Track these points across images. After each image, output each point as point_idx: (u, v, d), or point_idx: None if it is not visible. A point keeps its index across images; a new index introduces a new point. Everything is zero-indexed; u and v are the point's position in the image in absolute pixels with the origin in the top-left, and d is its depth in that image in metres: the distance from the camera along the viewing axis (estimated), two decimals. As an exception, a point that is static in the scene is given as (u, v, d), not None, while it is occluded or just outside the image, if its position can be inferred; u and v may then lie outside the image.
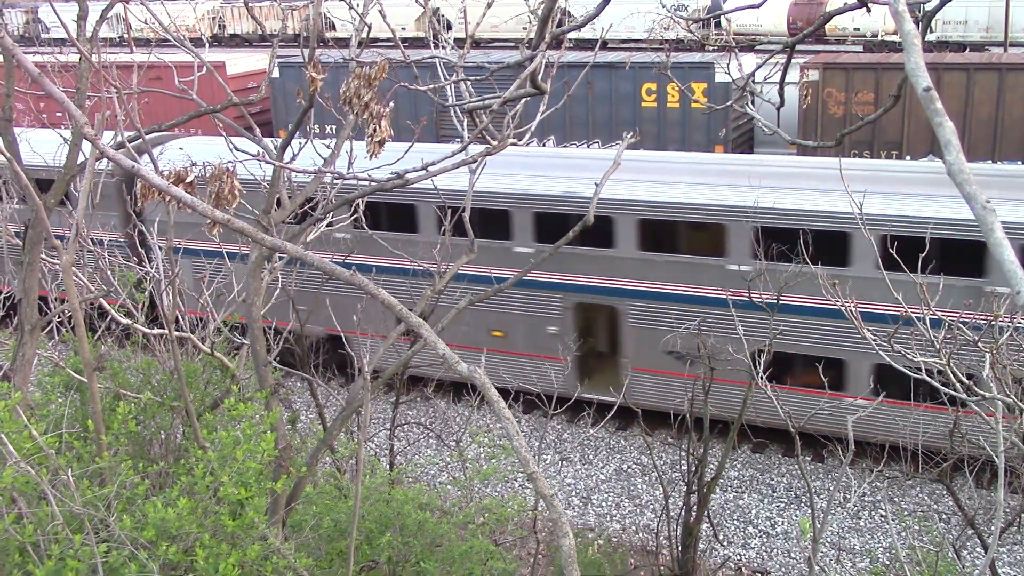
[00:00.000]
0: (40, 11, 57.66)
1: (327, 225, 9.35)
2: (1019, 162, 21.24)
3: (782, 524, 15.03)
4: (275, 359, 8.98)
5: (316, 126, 27.07)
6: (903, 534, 13.82)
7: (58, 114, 25.82)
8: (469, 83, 6.73)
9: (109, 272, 8.96)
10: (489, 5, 7.72)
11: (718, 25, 41.37)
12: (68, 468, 5.85)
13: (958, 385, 7.14)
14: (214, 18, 56.89)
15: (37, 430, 6.09)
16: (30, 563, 5.59)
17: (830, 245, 14.38)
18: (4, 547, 5.78)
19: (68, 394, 7.91)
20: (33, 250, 7.39)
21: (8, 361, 7.87)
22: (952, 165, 1.64)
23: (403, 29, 45.40)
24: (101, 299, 7.93)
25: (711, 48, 26.93)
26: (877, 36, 42.41)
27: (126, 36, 8.78)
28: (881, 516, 14.85)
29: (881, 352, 7.80)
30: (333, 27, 43.66)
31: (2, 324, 11.33)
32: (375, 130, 5.11)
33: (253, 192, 7.63)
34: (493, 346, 17.36)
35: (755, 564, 14.25)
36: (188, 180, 4.63)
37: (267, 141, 7.59)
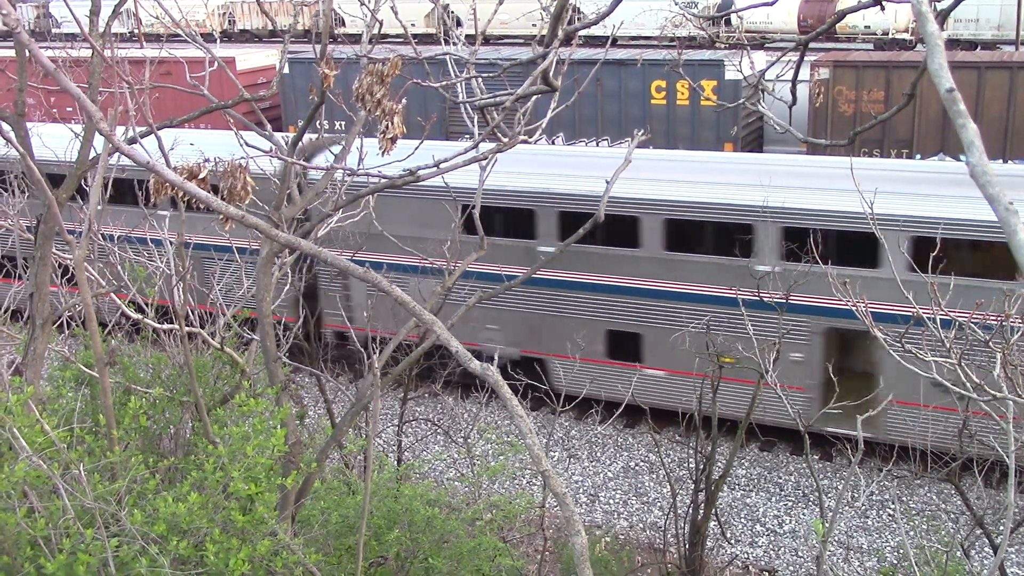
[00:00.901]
0: (51, 6, 57.77)
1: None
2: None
3: (790, 523, 15.01)
4: (284, 355, 8.99)
5: (326, 122, 27.10)
6: (912, 533, 13.79)
7: (69, 109, 25.88)
8: (480, 80, 6.72)
9: (120, 268, 8.99)
10: (500, 2, 7.72)
11: (728, 23, 41.28)
12: (79, 463, 5.87)
13: (968, 385, 7.11)
14: (224, 14, 56.93)
15: (49, 424, 6.11)
16: (42, 557, 5.61)
17: None
18: (16, 541, 5.80)
19: (79, 389, 7.94)
20: (45, 244, 7.41)
21: (20, 355, 7.90)
22: (975, 167, 1.63)
23: (412, 25, 45.37)
24: (112, 294, 7.95)
25: (722, 46, 26.88)
26: (888, 34, 42.26)
27: (137, 31, 8.79)
28: (890, 515, 14.82)
29: (892, 353, 7.78)
30: (343, 23, 43.67)
31: (14, 318, 11.37)
32: (387, 126, 5.11)
33: (264, 188, 7.63)
34: (723, 373, 15.95)
35: (762, 562, 14.23)
36: (201, 176, 4.64)
37: (277, 136, 7.61)
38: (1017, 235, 1.50)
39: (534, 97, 6.35)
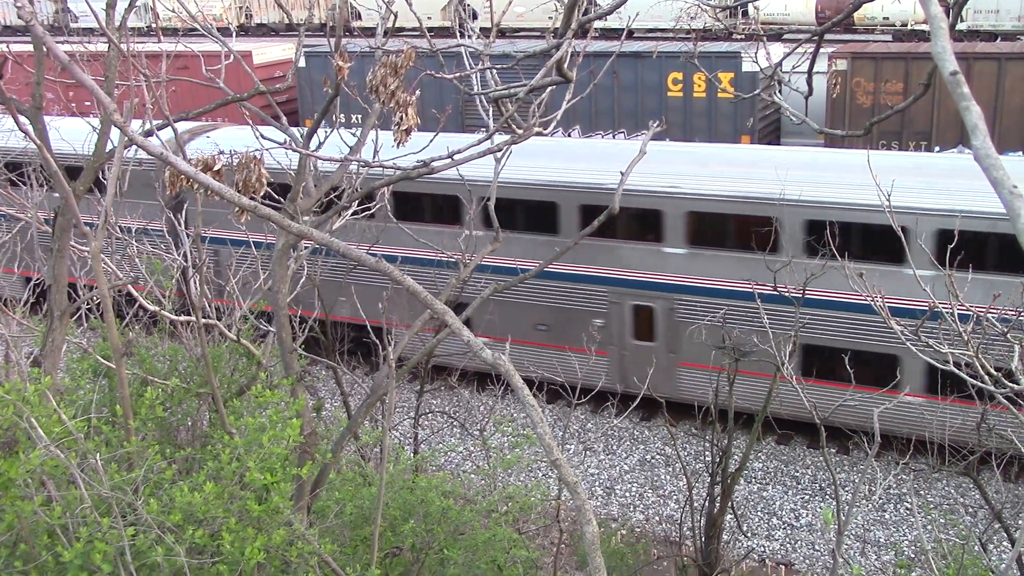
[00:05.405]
0: (69, 1, 58.10)
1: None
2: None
3: (806, 516, 14.96)
4: (300, 346, 9.03)
5: (342, 115, 27.16)
6: (929, 527, 13.73)
7: (87, 103, 26.03)
8: (495, 72, 6.72)
9: (137, 260, 9.05)
10: (515, -7, 7.71)
11: (745, 14, 41.06)
12: (96, 452, 5.91)
13: (986, 378, 7.07)
14: (241, 7, 57.10)
15: (66, 415, 6.15)
16: (59, 545, 5.65)
17: None
18: (34, 529, 5.85)
19: (97, 380, 7.98)
20: (62, 237, 7.46)
21: (38, 347, 7.97)
22: (979, 150, 1.62)
23: (428, 19, 45.35)
24: (129, 286, 8.00)
25: (738, 37, 26.77)
26: (907, 25, 41.92)
27: (154, 25, 8.83)
28: (907, 509, 14.76)
29: (910, 345, 7.74)
30: (359, 16, 43.70)
31: (32, 310, 11.46)
32: (402, 118, 5.12)
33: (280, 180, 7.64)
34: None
35: (779, 556, 14.20)
36: (216, 168, 4.66)
37: (293, 130, 7.63)
38: (1021, 219, 1.49)
39: (549, 89, 6.35)
